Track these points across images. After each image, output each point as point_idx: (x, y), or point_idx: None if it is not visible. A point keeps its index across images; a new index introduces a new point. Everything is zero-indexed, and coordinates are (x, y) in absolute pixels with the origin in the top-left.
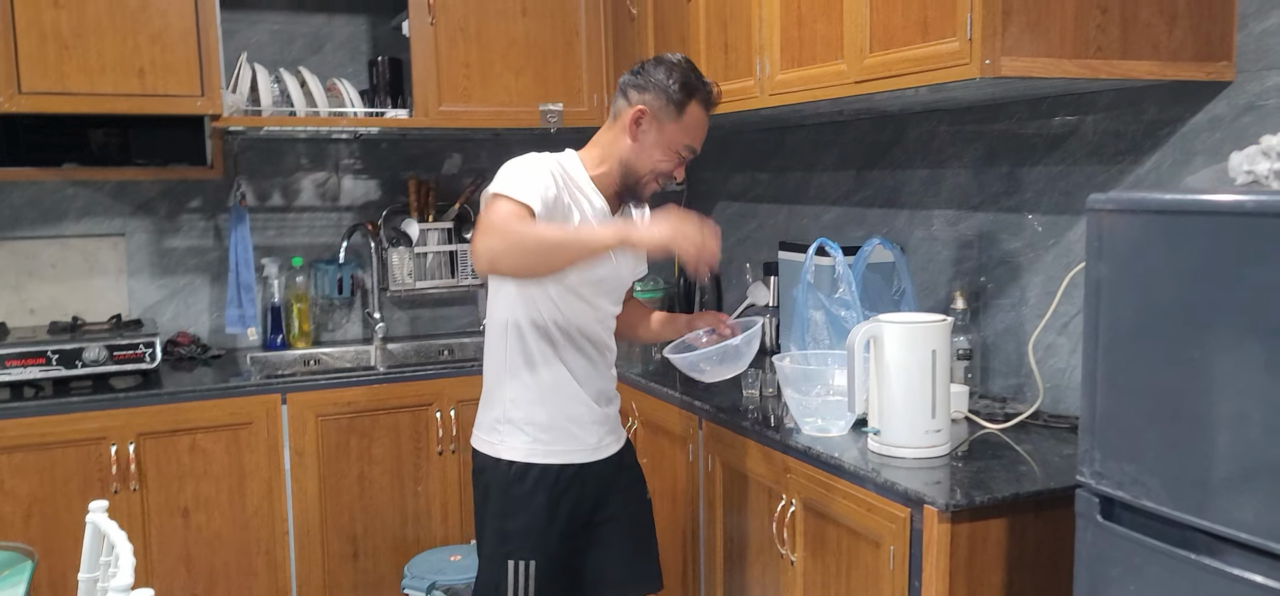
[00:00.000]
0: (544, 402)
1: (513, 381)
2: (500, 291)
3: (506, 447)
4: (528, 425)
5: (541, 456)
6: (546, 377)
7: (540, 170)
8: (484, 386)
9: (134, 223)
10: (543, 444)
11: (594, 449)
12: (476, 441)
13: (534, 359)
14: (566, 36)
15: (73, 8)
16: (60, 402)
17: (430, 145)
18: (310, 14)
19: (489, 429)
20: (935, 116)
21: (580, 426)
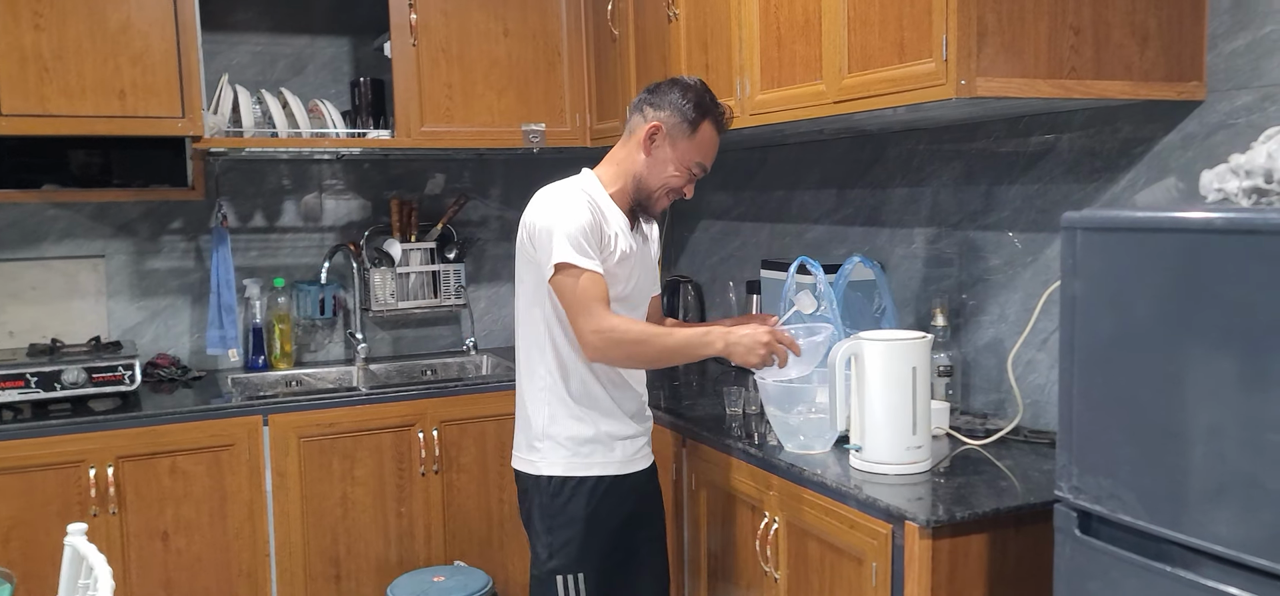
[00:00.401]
0: (581, 418)
1: (550, 400)
2: (530, 315)
3: (546, 464)
4: (567, 440)
5: (580, 469)
6: (583, 394)
7: (581, 212)
8: (519, 408)
9: (114, 244)
10: (581, 457)
11: (630, 460)
12: (517, 463)
13: (570, 377)
14: (548, 57)
15: (53, 30)
16: (39, 425)
17: (413, 165)
18: (292, 35)
19: (528, 448)
20: (915, 135)
21: (617, 439)
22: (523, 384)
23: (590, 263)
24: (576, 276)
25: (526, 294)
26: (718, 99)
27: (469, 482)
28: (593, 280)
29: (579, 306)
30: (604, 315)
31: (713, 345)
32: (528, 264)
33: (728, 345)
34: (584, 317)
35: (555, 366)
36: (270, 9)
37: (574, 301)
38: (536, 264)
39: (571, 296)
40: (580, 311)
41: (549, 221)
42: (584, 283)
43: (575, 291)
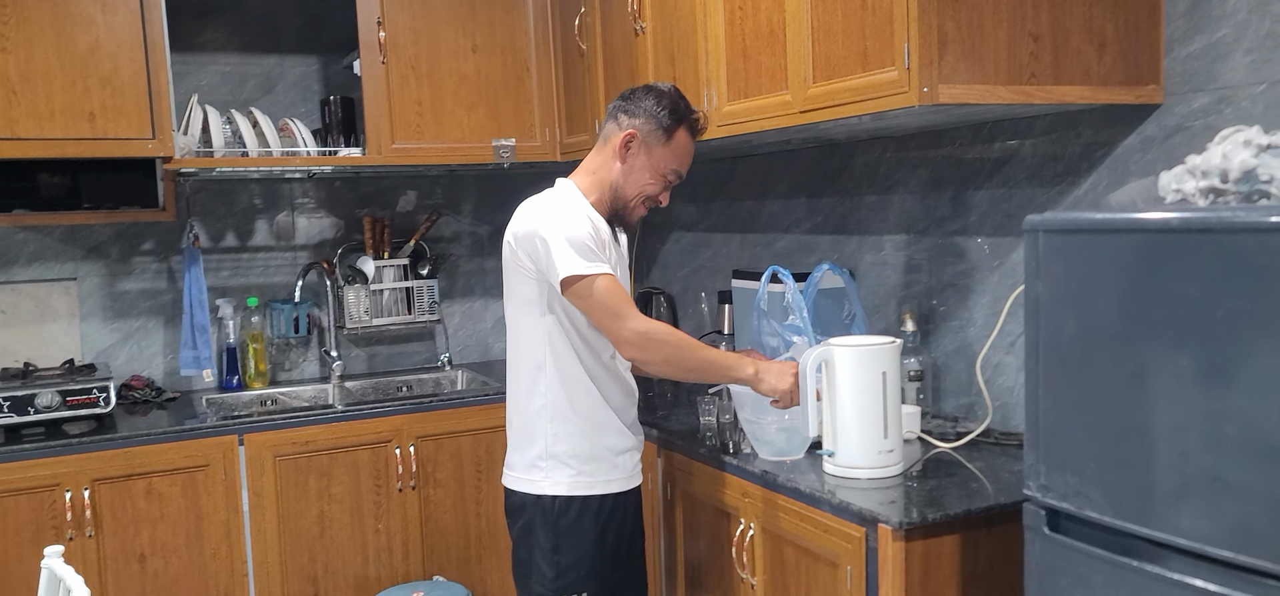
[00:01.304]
0: (585, 435)
1: (552, 418)
2: (526, 330)
3: (550, 483)
4: (571, 458)
5: (585, 488)
6: (586, 411)
7: (579, 219)
8: (515, 426)
9: (86, 266)
10: (586, 475)
11: (631, 475)
12: (512, 481)
13: (573, 394)
14: (517, 72)
15: (20, 52)
16: (12, 450)
17: (384, 182)
18: (261, 55)
19: (527, 467)
20: (882, 143)
21: (619, 455)
22: (519, 401)
23: (601, 266)
24: (592, 282)
25: (519, 308)
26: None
27: (446, 498)
28: (610, 282)
29: (607, 310)
30: (637, 316)
31: (744, 371)
32: (520, 276)
33: (757, 373)
34: (616, 321)
35: (557, 382)
36: (239, 29)
37: (600, 306)
38: (530, 276)
39: (595, 303)
40: (610, 315)
41: (548, 232)
42: (603, 285)
43: (597, 297)
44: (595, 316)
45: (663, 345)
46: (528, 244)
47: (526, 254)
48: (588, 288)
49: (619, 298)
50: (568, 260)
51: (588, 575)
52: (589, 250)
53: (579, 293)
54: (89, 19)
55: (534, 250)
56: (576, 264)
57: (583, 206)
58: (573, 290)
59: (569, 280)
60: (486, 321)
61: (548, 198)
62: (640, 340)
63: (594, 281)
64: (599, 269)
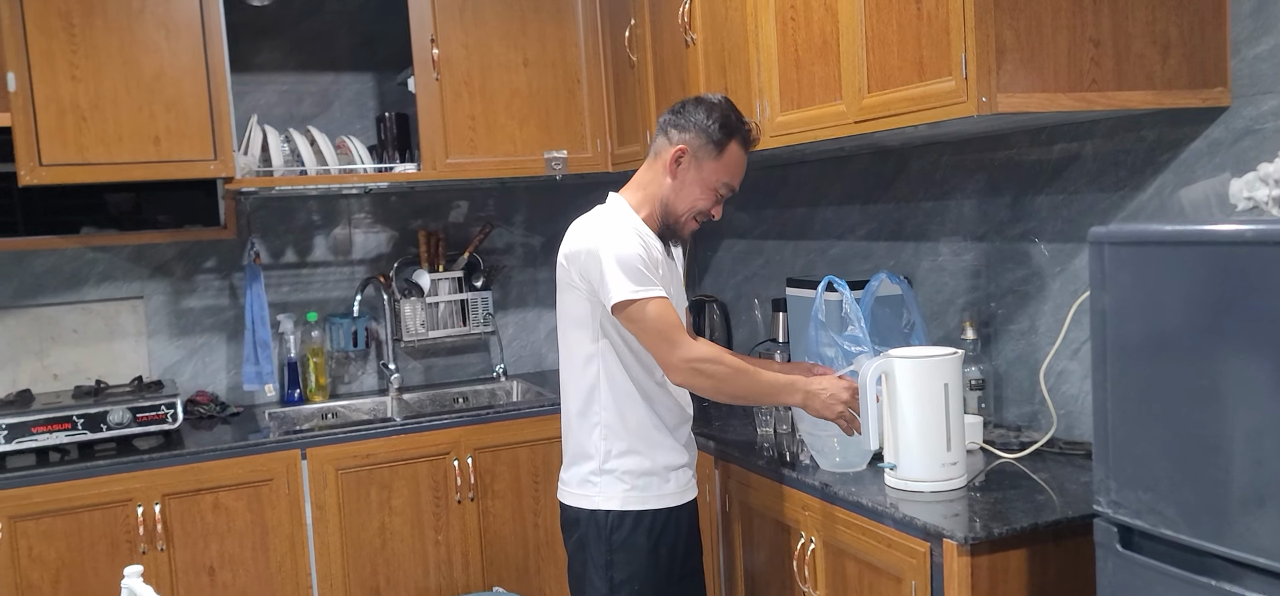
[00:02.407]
0: (638, 451)
1: (606, 435)
2: (580, 348)
3: (604, 498)
4: (625, 474)
5: (638, 503)
6: (638, 428)
7: (631, 240)
8: (570, 442)
9: (152, 285)
10: (639, 490)
11: (684, 490)
12: (566, 496)
13: (625, 411)
14: (568, 85)
15: (90, 81)
16: (86, 466)
17: (438, 196)
18: (318, 73)
19: (581, 482)
20: (937, 148)
21: (673, 470)
22: (573, 417)
23: (653, 289)
24: (644, 306)
25: (573, 326)
26: (743, 115)
27: (504, 509)
28: (662, 306)
29: (658, 335)
30: (688, 343)
31: (793, 395)
32: (573, 295)
33: (807, 397)
34: (667, 347)
35: (610, 399)
36: (295, 49)
37: (652, 332)
38: (583, 295)
39: (646, 327)
40: (661, 341)
41: (600, 253)
42: (654, 310)
43: (648, 322)
44: (645, 340)
45: (712, 374)
46: (581, 264)
47: (579, 274)
48: (639, 311)
49: (669, 323)
50: (619, 284)
51: (642, 590)
52: (641, 273)
53: (630, 316)
54: (154, 46)
55: (587, 270)
56: (628, 287)
57: (634, 224)
58: (624, 313)
59: (621, 304)
60: (540, 332)
61: (600, 216)
62: (688, 367)
63: (646, 305)
64: (651, 292)
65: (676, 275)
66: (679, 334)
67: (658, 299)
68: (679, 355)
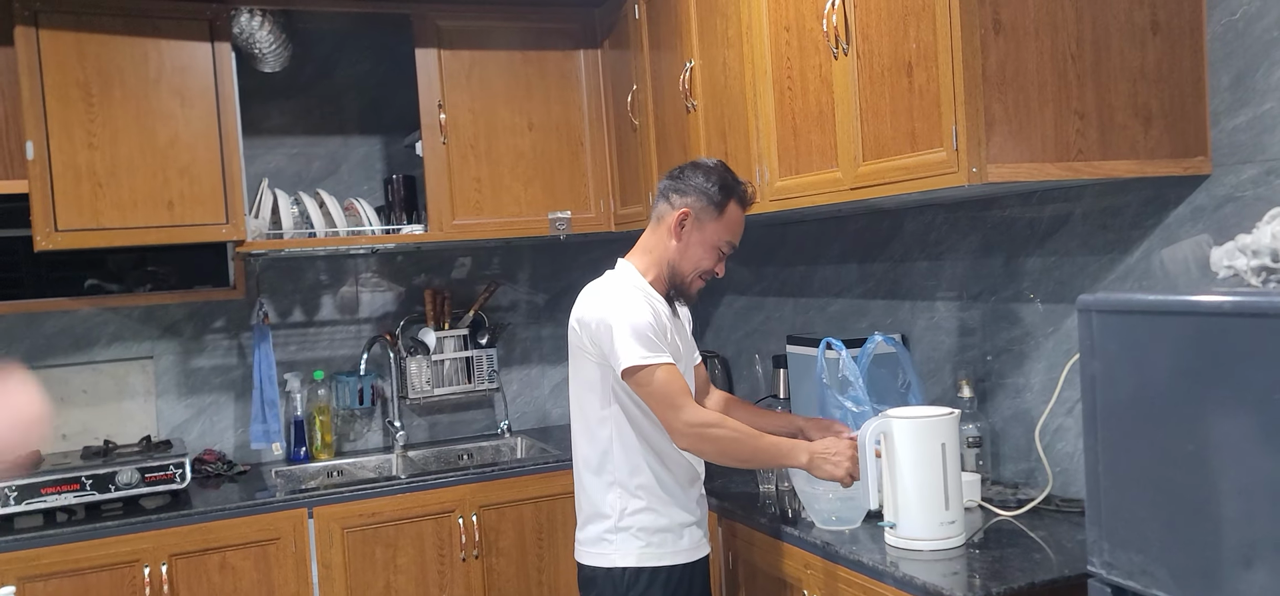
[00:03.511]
0: (653, 509)
1: (620, 493)
2: (593, 410)
3: (618, 555)
4: (640, 531)
5: (654, 559)
6: (652, 486)
7: (641, 308)
8: (583, 502)
9: (161, 345)
10: (654, 547)
11: (696, 547)
12: (583, 555)
13: (638, 470)
14: (572, 148)
15: (106, 149)
16: (93, 527)
17: (444, 255)
18: (327, 136)
19: (596, 540)
20: (931, 210)
21: (686, 527)
22: (586, 477)
23: (661, 356)
24: (652, 372)
25: (585, 389)
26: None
27: (508, 567)
28: (670, 373)
29: (665, 402)
30: (693, 409)
31: (798, 458)
32: (585, 360)
33: (812, 459)
34: (672, 413)
35: (623, 459)
36: (305, 113)
37: (659, 397)
38: (594, 359)
39: (654, 393)
40: (667, 406)
41: (611, 320)
42: (662, 377)
43: (656, 388)
44: (653, 405)
45: (717, 439)
46: (592, 331)
47: (591, 340)
48: (648, 377)
49: (676, 389)
50: (629, 350)
51: None
52: (650, 340)
53: (639, 381)
54: (169, 113)
55: (598, 337)
56: (638, 354)
57: (644, 290)
58: (633, 379)
59: (630, 370)
60: (544, 388)
61: (610, 284)
62: (692, 433)
63: (654, 372)
64: (659, 359)
65: (686, 335)
66: (684, 399)
67: (665, 366)
68: (683, 420)
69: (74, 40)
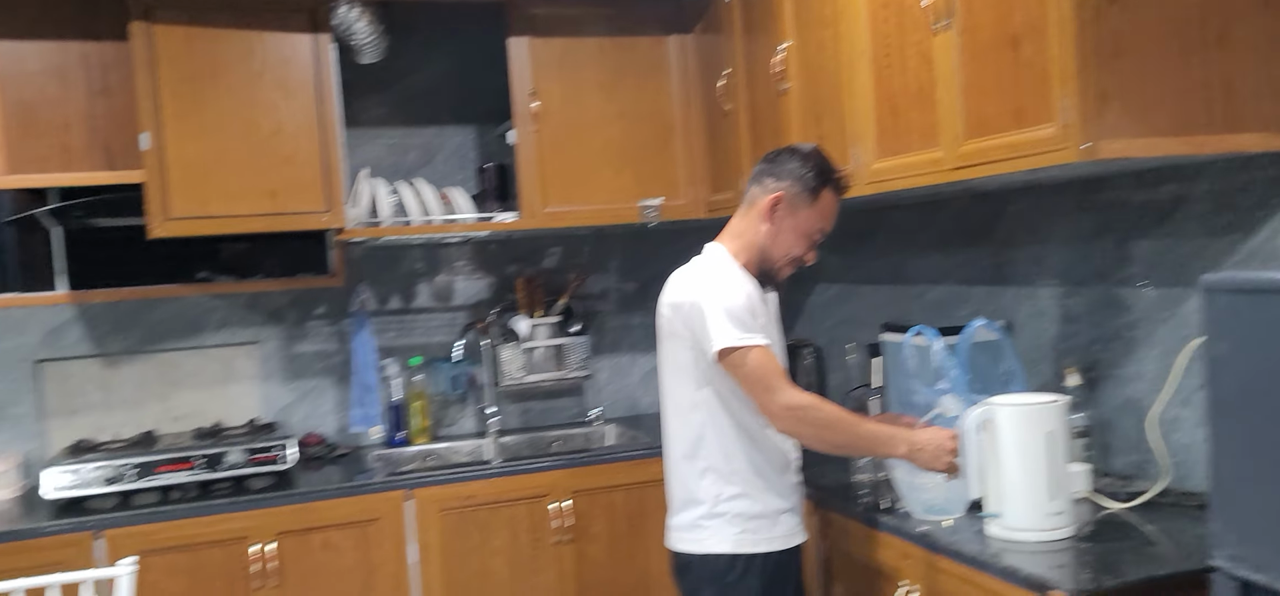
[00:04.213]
0: (748, 494)
1: (715, 478)
2: (688, 395)
3: (716, 541)
4: (736, 517)
5: (751, 545)
6: (747, 472)
7: (735, 290)
8: (677, 488)
9: (266, 331)
10: (751, 533)
11: (792, 534)
12: (677, 541)
13: (733, 456)
14: (662, 134)
15: (213, 139)
16: (206, 505)
17: (535, 243)
18: (422, 127)
19: (690, 527)
20: (1036, 192)
21: (781, 513)
22: (680, 463)
23: (756, 338)
24: (746, 354)
25: (677, 374)
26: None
27: (600, 551)
28: (764, 354)
29: (761, 384)
30: (790, 390)
31: (896, 447)
32: (677, 344)
33: (912, 450)
34: (769, 394)
35: (717, 446)
36: (402, 105)
37: (754, 379)
38: (686, 343)
39: (749, 374)
40: (763, 389)
41: (703, 303)
42: (756, 358)
43: (751, 369)
44: (747, 387)
45: (814, 421)
46: (685, 314)
47: (683, 323)
48: (742, 359)
49: (771, 371)
50: (723, 331)
51: None
52: (744, 321)
53: (733, 363)
54: (272, 105)
55: (690, 320)
56: (732, 335)
57: (736, 273)
58: (727, 360)
59: (724, 351)
60: (634, 376)
61: (702, 267)
62: (789, 415)
63: (748, 353)
64: (753, 340)
65: (774, 322)
66: (779, 381)
67: (760, 347)
68: (779, 402)
69: (184, 34)
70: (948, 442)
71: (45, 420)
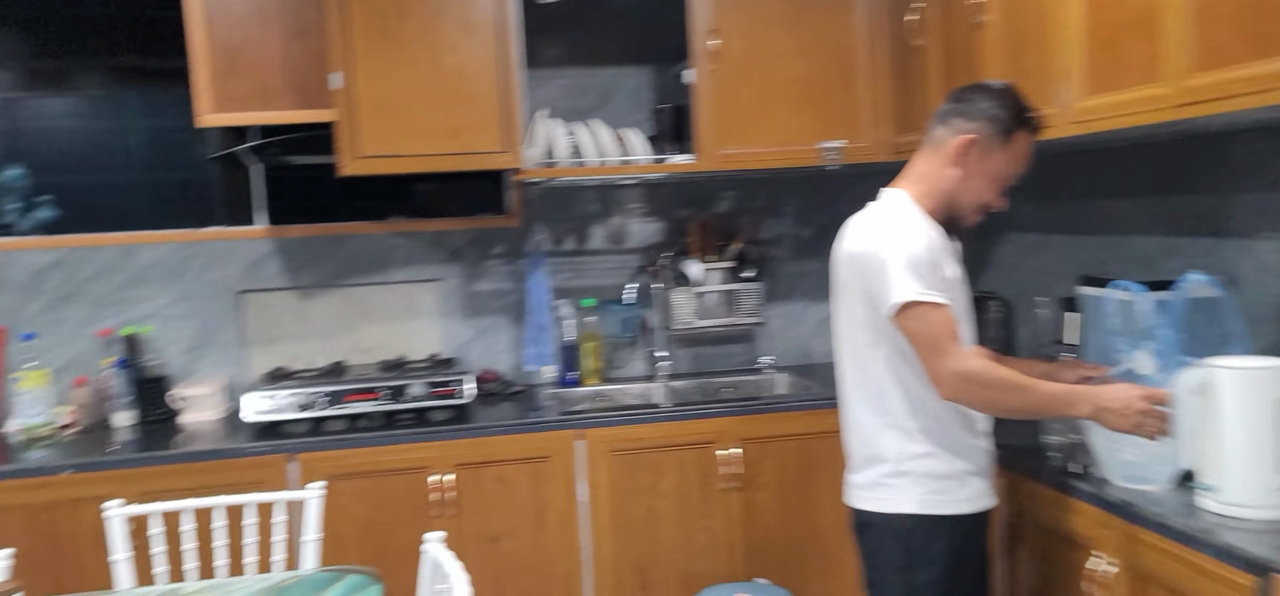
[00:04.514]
0: (935, 454)
1: (902, 436)
2: (866, 353)
3: (901, 500)
4: (923, 476)
5: (939, 507)
6: (937, 428)
7: (917, 242)
8: (857, 444)
9: (447, 269)
10: (939, 494)
11: (980, 497)
12: (859, 499)
13: (919, 412)
14: (845, 73)
15: (398, 78)
16: (390, 434)
17: (710, 186)
18: (599, 67)
19: (875, 485)
20: (1267, 132)
21: (971, 475)
22: (861, 418)
23: (937, 296)
24: (923, 312)
25: (856, 326)
26: (1029, 102)
27: (769, 500)
28: (943, 315)
29: (932, 345)
30: (961, 355)
31: (1078, 406)
32: (855, 295)
33: (1097, 410)
34: (939, 358)
35: (901, 400)
36: (580, 46)
37: (926, 339)
38: (864, 297)
39: (922, 334)
40: (934, 350)
41: (883, 253)
42: (934, 319)
43: (925, 329)
44: (916, 344)
45: (984, 388)
46: (863, 263)
47: (860, 273)
48: (917, 317)
49: (945, 333)
50: (903, 284)
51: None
52: (924, 275)
53: (906, 321)
54: (455, 44)
55: (868, 270)
56: (911, 289)
57: (919, 220)
58: (902, 316)
59: (898, 307)
60: (807, 324)
61: (883, 215)
62: (957, 382)
63: (926, 311)
64: (932, 297)
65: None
66: (951, 344)
67: (937, 307)
68: (948, 367)
69: None
70: (1136, 401)
71: (246, 348)
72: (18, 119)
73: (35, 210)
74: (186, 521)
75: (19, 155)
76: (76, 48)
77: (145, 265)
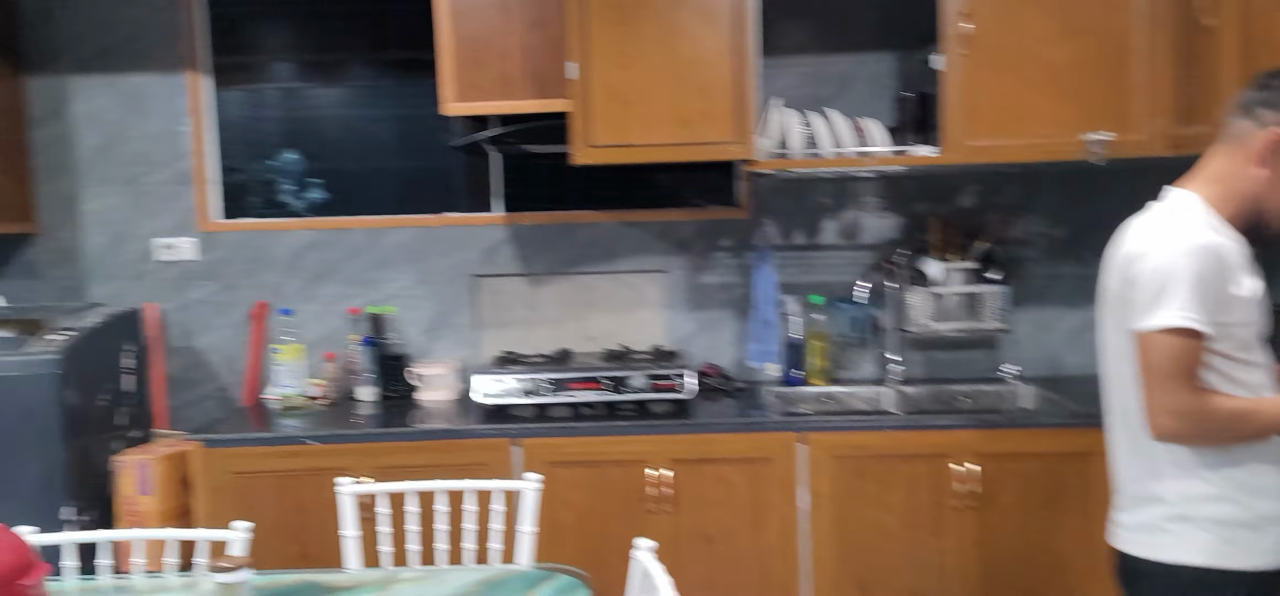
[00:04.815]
0: (1228, 497)
1: (1184, 474)
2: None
3: (1181, 549)
4: (1212, 523)
5: (1228, 559)
6: (1226, 466)
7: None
8: (1126, 478)
9: (673, 260)
10: (1230, 544)
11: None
12: (1128, 543)
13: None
14: (1117, 57)
15: (635, 68)
16: (610, 425)
17: (953, 180)
18: (838, 54)
19: (1149, 529)
20: None
21: (1271, 523)
22: (1135, 448)
23: (1202, 327)
24: (1176, 341)
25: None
26: None
27: (1008, 524)
28: (1193, 349)
29: (1162, 375)
30: (1189, 393)
31: None
32: (1132, 310)
33: None
34: (1162, 393)
35: None
36: (820, 31)
37: (1160, 367)
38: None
39: (1159, 361)
40: (1160, 383)
41: (1165, 268)
42: (1181, 349)
43: (1166, 357)
44: (1146, 374)
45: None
46: (1134, 270)
47: (1130, 281)
48: (1167, 343)
49: (1186, 368)
50: (1172, 311)
51: None
52: (1202, 307)
53: (1152, 342)
54: (691, 33)
55: (1137, 279)
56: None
57: (1210, 231)
58: (1149, 336)
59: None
60: (1058, 332)
61: (1172, 220)
62: (1176, 422)
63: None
64: (1189, 322)
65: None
66: (1184, 384)
67: (1196, 342)
68: (1171, 403)
69: None
70: None
71: (479, 331)
72: (295, 108)
73: (308, 192)
74: (411, 503)
75: (295, 142)
76: (345, 43)
77: (390, 248)
